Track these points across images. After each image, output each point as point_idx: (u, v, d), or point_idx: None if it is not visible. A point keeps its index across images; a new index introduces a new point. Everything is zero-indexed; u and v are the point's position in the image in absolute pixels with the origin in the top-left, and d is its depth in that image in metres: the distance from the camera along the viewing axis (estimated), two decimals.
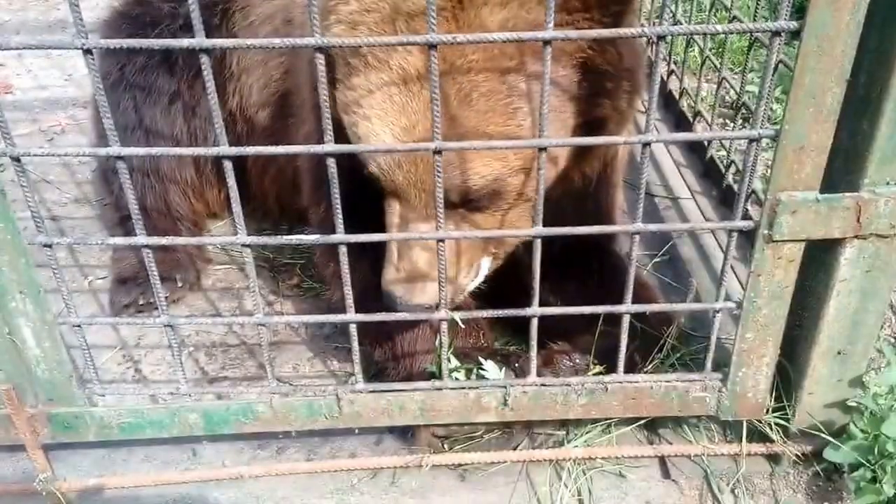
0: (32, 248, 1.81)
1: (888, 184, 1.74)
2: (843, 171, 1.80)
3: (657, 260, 3.02)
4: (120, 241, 1.97)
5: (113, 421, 2.07)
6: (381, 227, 2.02)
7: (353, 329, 1.98)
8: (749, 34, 2.91)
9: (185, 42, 1.52)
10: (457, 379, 2.10)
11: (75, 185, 3.72)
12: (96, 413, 2.06)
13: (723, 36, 4.03)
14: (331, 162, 1.66)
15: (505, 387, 2.06)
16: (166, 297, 2.05)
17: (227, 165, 1.68)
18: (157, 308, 1.94)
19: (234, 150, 1.66)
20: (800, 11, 1.61)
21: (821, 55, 1.56)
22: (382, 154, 1.88)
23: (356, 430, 2.26)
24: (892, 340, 2.63)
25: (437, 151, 1.65)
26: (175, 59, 3.05)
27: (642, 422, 2.27)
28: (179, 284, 2.94)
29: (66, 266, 3.11)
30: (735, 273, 2.81)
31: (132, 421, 2.08)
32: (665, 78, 4.15)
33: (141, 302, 2.84)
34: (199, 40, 1.51)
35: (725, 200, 3.32)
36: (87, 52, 1.55)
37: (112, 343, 2.74)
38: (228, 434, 2.13)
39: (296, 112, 2.82)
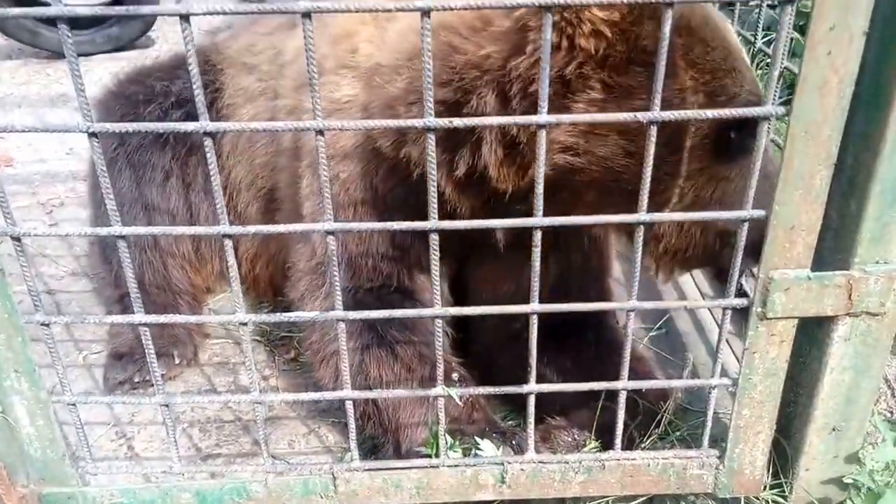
0: (29, 324, 1.81)
1: (878, 263, 1.77)
2: (833, 249, 1.83)
3: (653, 333, 3.03)
4: (118, 319, 1.97)
5: (105, 501, 2.04)
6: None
7: (349, 406, 1.97)
8: None
9: (190, 125, 1.56)
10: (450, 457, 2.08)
11: (73, 259, 3.73)
12: (88, 493, 2.03)
13: None
14: (330, 239, 1.69)
15: (502, 464, 2.04)
16: (163, 375, 2.05)
17: (228, 244, 1.70)
18: (152, 385, 1.93)
19: (236, 229, 1.69)
20: (791, 88, 1.66)
21: (808, 140, 1.60)
22: None
23: None
24: (888, 415, 2.62)
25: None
26: (167, 137, 3.10)
27: (641, 499, 2.24)
28: (177, 361, 2.90)
29: (61, 340, 3.10)
30: (730, 346, 2.82)
31: (124, 501, 2.04)
32: None
33: (136, 379, 2.80)
34: (203, 123, 1.55)
35: (720, 274, 3.34)
36: (93, 134, 1.59)
37: (105, 419, 2.71)
38: None
39: (281, 206, 2.86)
